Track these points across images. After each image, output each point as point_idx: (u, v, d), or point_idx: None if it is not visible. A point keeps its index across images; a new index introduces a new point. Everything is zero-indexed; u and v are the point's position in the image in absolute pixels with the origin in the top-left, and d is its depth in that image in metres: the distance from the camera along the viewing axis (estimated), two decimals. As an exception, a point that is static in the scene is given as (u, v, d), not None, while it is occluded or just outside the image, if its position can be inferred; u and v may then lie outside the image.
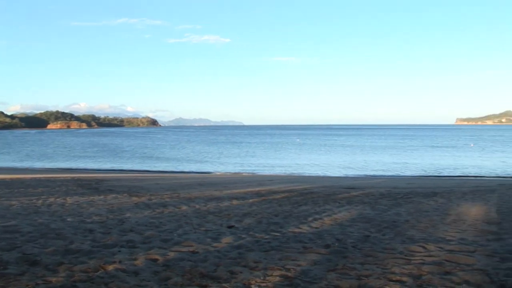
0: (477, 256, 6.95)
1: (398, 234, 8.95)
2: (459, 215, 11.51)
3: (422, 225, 10.08)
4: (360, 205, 13.63)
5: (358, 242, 8.05)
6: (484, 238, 8.51)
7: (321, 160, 48.68)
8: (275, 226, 9.98)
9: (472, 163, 43.65)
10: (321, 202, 14.22)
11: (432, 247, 7.61)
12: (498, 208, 12.66)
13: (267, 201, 14.76)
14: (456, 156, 54.47)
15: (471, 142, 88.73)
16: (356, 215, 11.53)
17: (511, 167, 39.61)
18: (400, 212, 12.14)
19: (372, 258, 6.82)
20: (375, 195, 16.24)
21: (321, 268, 6.29)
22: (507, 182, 24.18)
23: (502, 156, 53.27)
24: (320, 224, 10.27)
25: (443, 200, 14.73)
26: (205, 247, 7.67)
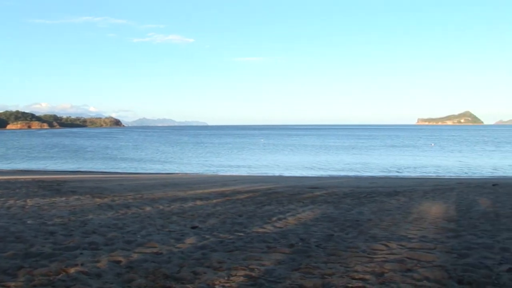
0: (437, 253, 7.09)
1: (361, 233, 9.05)
2: (420, 213, 11.71)
3: (384, 223, 10.22)
4: (323, 204, 13.74)
5: (321, 241, 8.12)
6: (443, 236, 8.69)
7: (285, 160, 48.90)
8: (239, 226, 9.98)
9: (432, 162, 44.48)
10: (285, 202, 14.28)
11: (394, 245, 7.72)
12: (457, 206, 12.94)
13: (231, 201, 14.75)
14: (417, 155, 55.46)
15: (431, 142, 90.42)
16: (319, 215, 11.62)
17: (467, 166, 40.47)
18: (363, 211, 12.28)
19: (336, 257, 6.88)
20: (338, 194, 16.39)
21: (285, 267, 6.31)
22: (465, 180, 24.69)
23: (459, 156, 54.50)
24: (284, 223, 10.31)
25: (405, 199, 14.97)
26: (169, 248, 7.62)
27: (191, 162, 48.49)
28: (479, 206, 12.99)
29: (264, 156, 56.50)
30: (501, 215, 11.23)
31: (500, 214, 11.47)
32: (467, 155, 56.63)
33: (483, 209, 12.40)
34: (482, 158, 51.18)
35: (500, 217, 11.02)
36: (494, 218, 10.88)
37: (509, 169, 38.40)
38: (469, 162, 45.17)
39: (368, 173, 35.04)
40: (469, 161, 47.08)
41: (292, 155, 58.82)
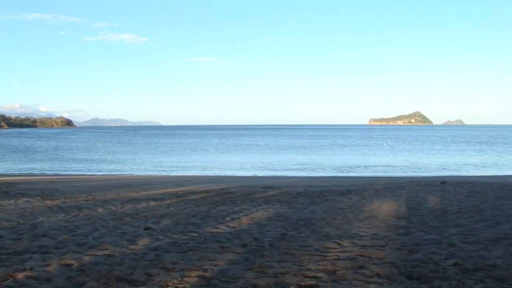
0: (387, 250, 7.25)
1: (314, 232, 9.16)
2: (372, 212, 11.93)
3: (337, 222, 10.37)
4: (277, 204, 13.82)
5: (275, 241, 8.18)
6: (394, 233, 8.89)
7: (238, 160, 48.95)
8: (193, 226, 9.96)
9: (383, 162, 45.33)
10: (239, 202, 14.31)
11: (346, 243, 7.85)
12: (407, 204, 13.24)
13: (184, 201, 14.68)
14: (369, 155, 56.43)
15: (383, 142, 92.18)
16: (273, 214, 11.69)
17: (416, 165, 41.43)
18: (316, 210, 12.42)
19: (289, 256, 6.95)
20: (291, 194, 16.52)
21: (239, 267, 6.33)
22: (415, 179, 25.25)
23: (409, 155, 55.77)
24: (238, 223, 10.34)
25: (357, 197, 15.20)
26: (122, 249, 7.53)
27: (144, 163, 47.96)
28: (428, 203, 13.33)
29: (217, 156, 56.41)
30: (449, 212, 11.58)
31: (448, 211, 11.82)
32: (416, 154, 57.99)
33: (432, 206, 12.73)
34: (430, 157, 52.51)
35: (447, 213, 11.36)
36: (442, 215, 11.20)
37: (456, 167, 39.48)
38: (418, 161, 46.24)
39: (321, 173, 35.38)
40: (418, 160, 48.20)
41: (245, 155, 58.90)
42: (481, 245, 7.71)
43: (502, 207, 12.27)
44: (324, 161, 46.92)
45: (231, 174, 35.51)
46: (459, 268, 6.15)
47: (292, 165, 42.49)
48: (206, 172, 37.17)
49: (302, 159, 50.08)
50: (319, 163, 44.38)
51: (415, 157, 52.37)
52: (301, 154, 57.80)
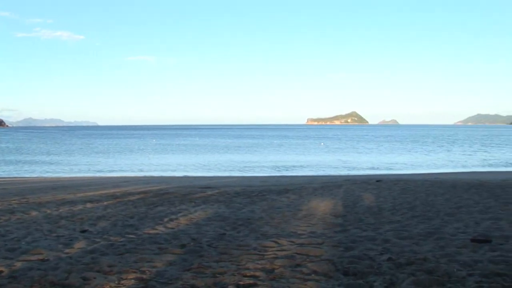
0: (324, 248, 7.39)
1: (252, 231, 9.21)
2: (309, 210, 12.11)
3: (275, 221, 10.46)
4: (215, 204, 13.81)
5: (213, 241, 8.18)
6: (331, 230, 9.07)
7: (176, 160, 48.54)
8: (131, 228, 9.83)
9: (321, 161, 46.02)
10: (177, 203, 14.21)
11: (284, 242, 7.94)
12: (344, 202, 13.52)
13: (122, 203, 14.45)
14: (307, 154, 57.15)
15: (321, 141, 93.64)
16: (211, 214, 11.68)
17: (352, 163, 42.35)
18: (254, 209, 12.49)
19: (227, 256, 6.96)
20: (230, 193, 16.54)
21: (177, 268, 6.30)
22: (351, 177, 25.79)
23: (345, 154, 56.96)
24: (176, 224, 10.27)
25: (295, 196, 15.38)
26: (56, 254, 7.35)
27: (80, 164, 46.81)
28: (364, 201, 13.65)
29: (155, 157, 55.72)
30: (384, 209, 11.92)
31: (383, 208, 12.15)
32: (352, 153, 59.24)
33: (368, 204, 13.06)
34: (365, 156, 53.77)
35: (382, 211, 11.69)
36: (377, 212, 11.51)
37: (391, 165, 40.57)
38: (354, 160, 47.25)
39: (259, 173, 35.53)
40: (354, 159, 49.26)
41: (183, 155, 58.41)
42: (413, 240, 8.01)
43: (433, 203, 12.75)
44: (262, 160, 47.17)
45: (169, 174, 35.16)
46: (393, 262, 6.36)
47: (230, 165, 42.50)
48: (144, 172, 36.65)
49: (240, 158, 50.16)
50: (257, 162, 44.59)
51: (351, 156, 53.50)
52: (239, 154, 57.90)
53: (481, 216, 10.52)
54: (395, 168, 37.99)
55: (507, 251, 7.05)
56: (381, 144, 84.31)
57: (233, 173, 34.83)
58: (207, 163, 44.25)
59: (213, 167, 40.19)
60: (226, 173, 35.34)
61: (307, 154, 56.55)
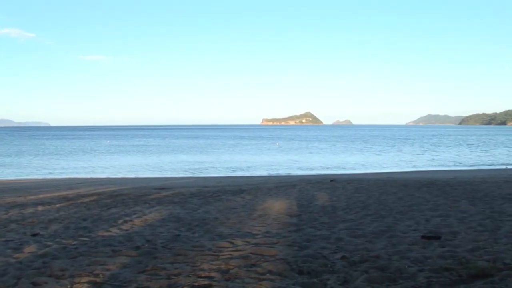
0: (279, 247, 7.45)
1: (207, 232, 9.20)
2: (264, 210, 12.16)
3: (230, 221, 10.47)
4: (170, 205, 13.72)
5: (168, 242, 8.13)
6: (286, 230, 9.14)
7: (131, 161, 47.97)
8: (84, 230, 9.67)
9: (277, 161, 46.27)
10: (131, 204, 14.05)
11: (239, 242, 7.96)
12: (299, 202, 13.63)
13: (75, 205, 14.19)
14: (262, 154, 57.34)
15: (276, 141, 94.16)
16: (166, 215, 11.60)
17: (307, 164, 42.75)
18: (209, 210, 12.46)
19: (182, 257, 6.93)
20: (185, 194, 16.46)
21: (131, 270, 6.23)
22: (306, 177, 26.03)
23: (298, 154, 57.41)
24: (130, 226, 10.16)
25: (250, 196, 15.42)
26: (5, 259, 7.16)
27: (31, 165, 45.64)
28: (319, 201, 13.80)
29: (109, 158, 54.88)
30: (337, 208, 12.08)
31: (337, 207, 12.32)
32: (306, 153, 59.78)
33: (322, 203, 13.21)
34: (319, 156, 54.37)
35: (336, 210, 11.85)
36: (331, 211, 11.66)
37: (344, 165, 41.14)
38: (309, 160, 47.71)
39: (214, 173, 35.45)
40: (308, 159, 49.74)
41: (137, 156, 57.69)
42: (366, 238, 8.16)
43: (385, 202, 13.01)
44: (216, 161, 47.06)
45: (123, 175, 34.71)
46: (347, 261, 6.47)
47: (185, 165, 42.21)
48: (97, 174, 36.05)
49: (194, 159, 49.93)
50: (212, 163, 44.47)
51: (305, 156, 53.99)
52: (193, 155, 57.57)
53: (431, 214, 10.82)
54: (348, 167, 38.52)
55: (455, 246, 7.30)
56: (334, 144, 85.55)
57: (188, 174, 34.63)
58: (161, 164, 43.85)
59: (167, 168, 39.83)
60: (181, 174, 35.09)
61: (262, 155, 56.73)
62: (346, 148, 70.13)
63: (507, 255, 6.62)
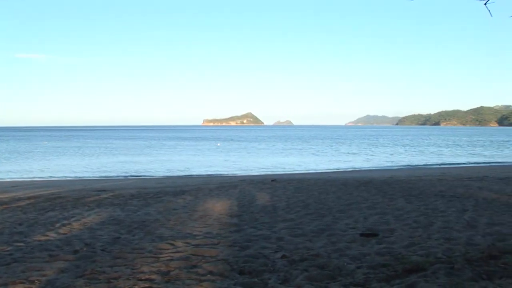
0: (220, 248, 7.47)
1: (148, 234, 9.11)
2: (205, 211, 12.14)
3: (171, 223, 10.40)
4: (110, 207, 13.50)
5: (107, 245, 7.99)
6: (227, 231, 9.17)
7: (69, 163, 46.78)
8: (19, 235, 9.36)
9: (218, 161, 46.21)
10: (70, 207, 13.72)
11: (180, 243, 7.92)
12: (240, 202, 13.69)
13: (10, 209, 13.71)
14: (203, 155, 57.10)
15: (217, 142, 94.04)
16: (106, 218, 11.40)
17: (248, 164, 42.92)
18: (150, 211, 12.34)
19: (122, 260, 6.84)
20: (125, 196, 16.22)
21: (69, 275, 6.09)
22: (247, 177, 26.12)
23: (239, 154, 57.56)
24: (69, 229, 9.92)
25: (191, 197, 15.35)
26: None
27: (-38, 169, 43.88)
28: (259, 201, 13.90)
29: (47, 159, 53.35)
30: (278, 208, 12.21)
31: (277, 207, 12.44)
32: (247, 153, 59.99)
33: (263, 203, 13.31)
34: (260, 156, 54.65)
35: (277, 209, 11.97)
36: (272, 211, 11.77)
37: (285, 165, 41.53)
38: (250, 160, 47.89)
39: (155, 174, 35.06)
40: (249, 159, 49.93)
41: (76, 157, 56.29)
42: (306, 237, 8.30)
43: (325, 201, 13.24)
44: (156, 162, 46.52)
45: (61, 177, 33.82)
46: (287, 260, 6.56)
47: (125, 166, 41.48)
48: (34, 176, 34.97)
49: (134, 160, 49.19)
50: (152, 164, 43.94)
51: (246, 156, 54.14)
52: (133, 156, 56.62)
53: (369, 212, 11.11)
54: (288, 168, 38.89)
55: (392, 243, 7.55)
56: (274, 144, 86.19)
57: (128, 175, 34.09)
58: (100, 166, 42.96)
59: (107, 170, 39.05)
60: (121, 175, 34.51)
61: (203, 155, 56.48)
62: (285, 149, 70.72)
63: (438, 250, 6.91)
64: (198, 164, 42.94)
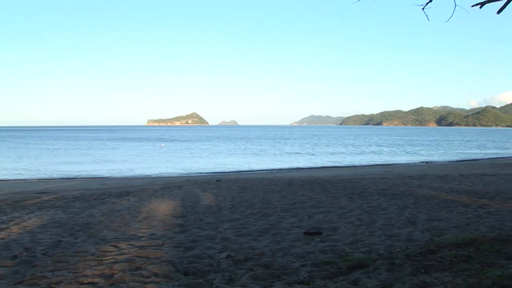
0: (165, 249, 7.43)
1: (91, 236, 8.94)
2: (150, 212, 12.03)
3: (115, 224, 10.25)
4: (52, 209, 13.16)
5: (48, 249, 7.79)
6: (172, 231, 9.12)
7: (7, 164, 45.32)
8: (-47, 241, 9.01)
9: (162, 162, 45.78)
10: (8, 210, 13.28)
11: (124, 245, 7.82)
12: (185, 203, 13.62)
13: None
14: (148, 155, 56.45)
15: (162, 142, 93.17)
16: (47, 221, 11.11)
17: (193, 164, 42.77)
18: (93, 213, 12.11)
19: (64, 264, 6.69)
20: (67, 198, 15.85)
21: (7, 282, 5.91)
22: (192, 178, 26.04)
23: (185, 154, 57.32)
24: (7, 234, 9.60)
25: (135, 198, 15.16)
26: None
27: None
28: (204, 201, 13.87)
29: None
30: (223, 208, 12.23)
31: (222, 207, 12.47)
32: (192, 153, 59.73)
33: (208, 203, 13.29)
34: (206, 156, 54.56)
35: (222, 209, 11.99)
36: (217, 211, 11.78)
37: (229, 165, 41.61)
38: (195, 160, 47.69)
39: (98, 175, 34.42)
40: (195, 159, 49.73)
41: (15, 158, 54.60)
42: (251, 236, 8.36)
43: (270, 200, 13.36)
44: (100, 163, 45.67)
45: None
46: (232, 259, 6.60)
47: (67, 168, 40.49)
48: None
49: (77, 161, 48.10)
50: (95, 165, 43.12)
51: (190, 156, 53.88)
52: (75, 157, 55.35)
53: (313, 210, 11.29)
54: (233, 167, 38.94)
55: (335, 241, 7.71)
56: (218, 144, 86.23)
57: (71, 177, 33.30)
58: (41, 167, 41.80)
59: (48, 171, 38.02)
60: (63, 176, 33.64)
61: (148, 156, 55.84)
62: (229, 149, 70.84)
63: (380, 246, 7.11)
64: (142, 165, 42.41)
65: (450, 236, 7.73)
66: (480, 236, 7.43)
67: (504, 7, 7.21)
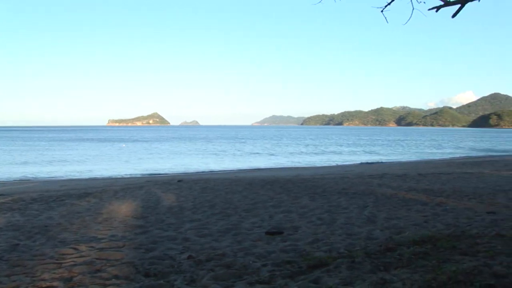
0: (125, 250, 7.37)
1: (50, 239, 8.79)
2: (110, 213, 11.89)
3: (74, 226, 10.09)
4: (8, 212, 12.85)
5: (4, 253, 7.61)
6: (132, 233, 9.04)
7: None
8: None
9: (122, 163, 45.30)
10: (-37, 214, 12.95)
11: (83, 248, 7.72)
12: (146, 203, 13.51)
13: None
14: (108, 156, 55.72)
15: (122, 143, 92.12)
16: (3, 224, 10.85)
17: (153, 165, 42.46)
18: (52, 215, 11.89)
19: (21, 268, 6.56)
20: (25, 200, 15.51)
21: (-39, 287, 5.78)
22: (153, 178, 25.84)
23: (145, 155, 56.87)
24: (-39, 237, 9.36)
25: (95, 200, 14.96)
26: None
27: None
28: (166, 201, 13.79)
29: None
30: (184, 208, 12.19)
31: (184, 207, 12.42)
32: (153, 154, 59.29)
33: (169, 204, 13.22)
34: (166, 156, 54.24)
35: (183, 210, 11.94)
36: (179, 211, 11.73)
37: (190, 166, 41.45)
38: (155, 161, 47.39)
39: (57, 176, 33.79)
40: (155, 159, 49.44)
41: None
42: (212, 237, 8.37)
43: (231, 201, 13.38)
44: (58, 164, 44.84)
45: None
46: (193, 260, 6.59)
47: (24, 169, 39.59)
48: None
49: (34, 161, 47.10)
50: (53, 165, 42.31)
51: (151, 157, 53.49)
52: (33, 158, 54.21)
53: (275, 210, 11.35)
54: (194, 168, 38.79)
55: (296, 240, 7.78)
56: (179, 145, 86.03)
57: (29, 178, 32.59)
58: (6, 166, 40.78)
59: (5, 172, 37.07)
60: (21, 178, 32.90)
61: (108, 157, 55.12)
62: (189, 149, 70.60)
63: (341, 245, 7.21)
64: (102, 166, 41.84)
65: (408, 233, 7.90)
66: (437, 233, 7.61)
67: (458, 11, 7.43)
